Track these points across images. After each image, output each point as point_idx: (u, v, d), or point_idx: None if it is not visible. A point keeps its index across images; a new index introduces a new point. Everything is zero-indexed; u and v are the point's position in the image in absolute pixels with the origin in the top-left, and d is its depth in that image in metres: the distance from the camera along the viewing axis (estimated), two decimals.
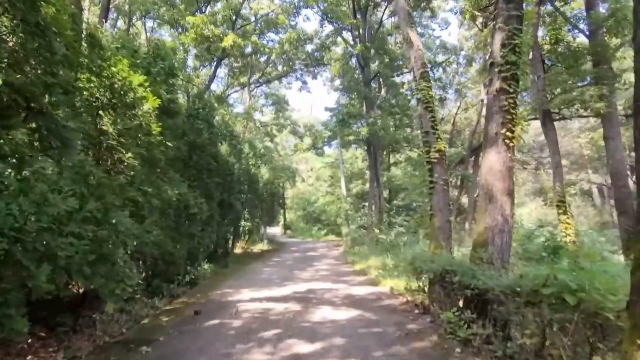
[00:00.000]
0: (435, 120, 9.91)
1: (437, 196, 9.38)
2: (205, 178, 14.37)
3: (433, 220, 9.34)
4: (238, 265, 17.55)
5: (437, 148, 9.55)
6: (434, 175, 9.49)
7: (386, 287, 10.91)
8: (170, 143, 12.29)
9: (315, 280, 12.46)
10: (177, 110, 12.40)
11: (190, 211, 11.65)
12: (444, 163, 9.66)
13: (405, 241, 17.65)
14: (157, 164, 8.65)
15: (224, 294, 10.60)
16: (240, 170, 21.03)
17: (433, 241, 9.26)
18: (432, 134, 9.73)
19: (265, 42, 30.90)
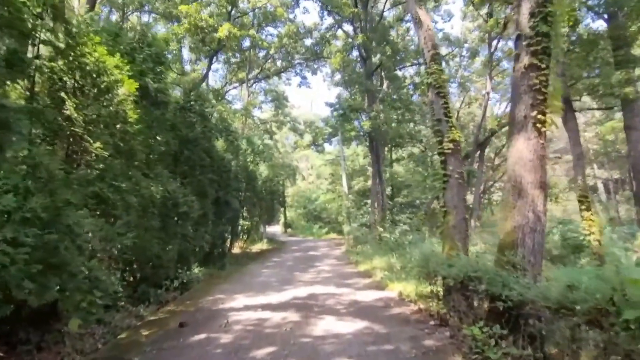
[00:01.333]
0: (448, 107, 8.82)
1: (452, 191, 8.30)
2: (198, 174, 13.31)
3: (447, 218, 8.26)
4: (235, 266, 16.50)
5: (450, 138, 8.46)
6: (447, 167, 8.40)
7: (394, 292, 9.83)
8: (159, 136, 11.32)
9: (317, 284, 11.39)
10: (165, 101, 11.32)
11: (180, 210, 10.56)
12: (459, 154, 8.58)
13: (411, 240, 16.57)
14: (135, 156, 7.55)
15: (216, 300, 9.53)
16: (237, 167, 19.97)
17: (447, 241, 8.18)
18: (445, 122, 8.64)
19: (264, 36, 29.96)
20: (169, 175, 10.39)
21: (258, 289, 10.79)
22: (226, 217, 18.23)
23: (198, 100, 14.77)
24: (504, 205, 6.43)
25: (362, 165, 34.21)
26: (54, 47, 6.26)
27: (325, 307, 8.49)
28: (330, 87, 37.71)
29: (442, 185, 8.49)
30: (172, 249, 11.08)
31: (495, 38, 24.79)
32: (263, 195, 23.75)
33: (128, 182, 6.95)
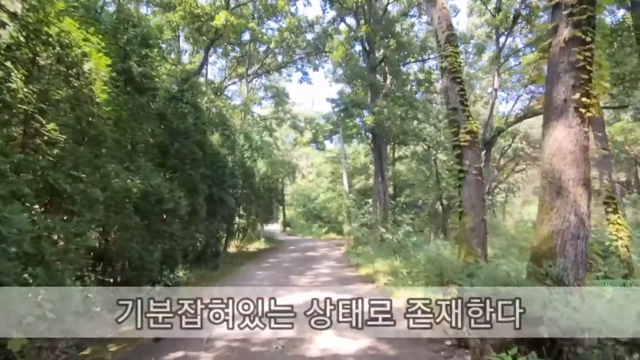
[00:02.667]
0: (465, 95, 7.77)
1: (469, 188, 7.24)
2: (189, 169, 12.23)
3: (464, 219, 7.20)
4: (229, 267, 15.43)
5: (468, 128, 7.40)
6: (464, 162, 7.34)
7: (400, 301, 8.76)
8: (143, 125, 10.27)
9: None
10: (151, 87, 10.27)
11: (165, 206, 9.48)
12: (477, 147, 7.52)
13: (415, 241, 15.52)
14: (102, 143, 6.46)
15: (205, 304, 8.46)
16: (234, 162, 18.91)
17: (464, 246, 7.12)
18: (461, 112, 7.58)
19: (264, 30, 28.90)
20: (152, 167, 9.31)
21: (249, 294, 9.72)
22: (221, 215, 17.20)
23: (191, 90, 13.71)
24: (540, 206, 5.35)
25: (363, 163, 33.10)
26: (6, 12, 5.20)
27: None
28: (332, 83, 36.49)
29: (457, 182, 7.44)
30: (156, 249, 10.04)
31: (504, 33, 23.74)
32: (261, 192, 22.67)
33: (93, 173, 5.89)
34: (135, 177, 8.54)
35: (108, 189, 6.41)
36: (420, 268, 11.07)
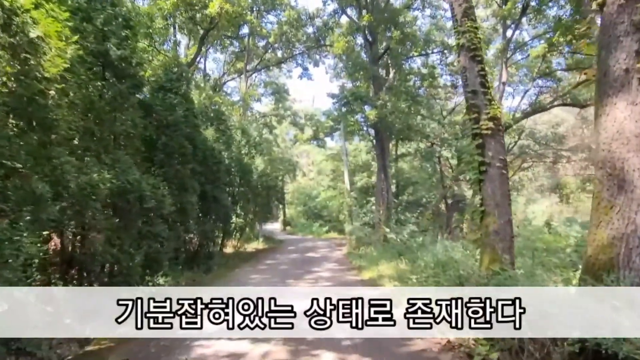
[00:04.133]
0: (485, 75, 6.66)
1: (492, 184, 6.13)
2: (176, 164, 11.15)
3: (486, 220, 6.09)
4: (223, 269, 14.37)
5: (490, 114, 6.29)
6: (486, 153, 6.23)
7: None
8: (123, 115, 9.19)
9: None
10: (132, 74, 9.18)
11: (146, 205, 8.37)
12: (501, 136, 6.42)
13: (421, 242, 14.42)
14: (52, 129, 5.34)
15: None
16: (230, 159, 17.82)
17: (487, 252, 6.01)
18: (481, 95, 6.47)
19: (264, 24, 27.81)
20: (133, 162, 8.22)
21: None
22: (215, 214, 16.12)
23: (181, 79, 12.62)
24: (594, 204, 4.25)
25: (365, 160, 31.98)
26: None
27: (322, 335, 6.33)
28: (333, 79, 35.31)
29: (478, 176, 6.32)
30: (138, 252, 8.96)
31: (511, 25, 22.62)
32: (259, 190, 21.58)
33: (43, 165, 4.80)
34: (109, 171, 7.46)
35: (63, 183, 5.31)
36: (429, 272, 9.99)
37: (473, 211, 6.57)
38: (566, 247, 10.50)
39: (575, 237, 11.50)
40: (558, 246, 10.87)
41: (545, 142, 29.98)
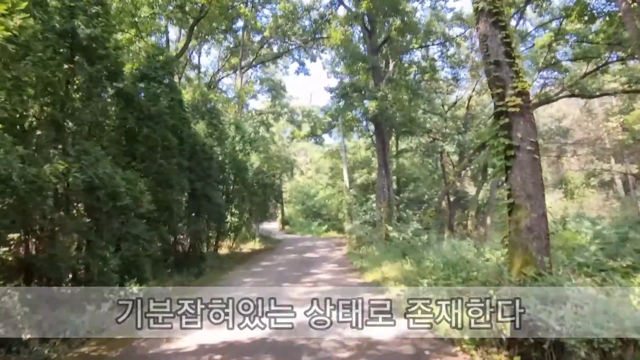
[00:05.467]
0: (510, 43, 5.59)
1: (522, 172, 5.07)
2: (159, 158, 10.08)
3: (516, 214, 5.03)
4: (216, 272, 13.31)
5: (518, 88, 5.23)
6: (513, 135, 5.17)
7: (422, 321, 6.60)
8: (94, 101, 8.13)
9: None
10: (104, 55, 8.11)
11: (119, 202, 7.29)
12: (531, 114, 5.35)
13: (425, 240, 13.37)
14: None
15: (161, 333, 6.33)
16: (223, 155, 16.76)
17: (518, 252, 4.95)
18: (506, 66, 5.41)
19: (259, 19, 26.75)
20: (101, 153, 7.14)
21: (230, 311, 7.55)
22: (207, 213, 15.08)
23: (166, 67, 11.57)
24: None
25: (365, 157, 30.90)
26: None
27: (320, 354, 5.32)
28: (331, 75, 34.29)
29: (504, 163, 5.26)
30: (114, 256, 7.91)
31: (514, 15, 21.56)
32: (254, 188, 20.48)
33: None
34: (74, 164, 6.40)
35: (3, 177, 4.25)
36: (439, 274, 8.95)
37: (501, 205, 5.49)
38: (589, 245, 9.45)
39: (587, 233, 10.49)
40: (576, 243, 9.81)
41: (549, 135, 28.96)
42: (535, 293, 4.00)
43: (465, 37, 25.83)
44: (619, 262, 7.69)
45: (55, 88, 6.94)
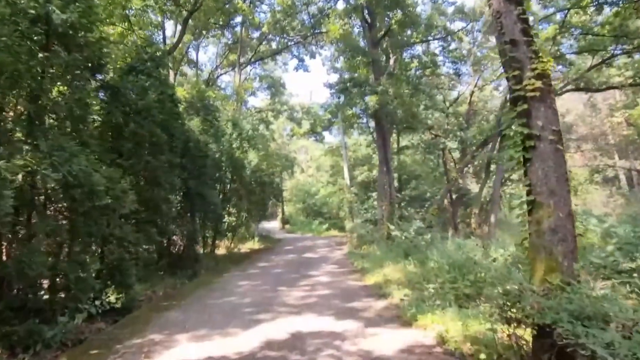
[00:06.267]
0: (527, 20, 4.93)
1: (544, 164, 4.41)
2: (147, 155, 9.43)
3: (537, 213, 4.37)
4: (211, 274, 12.70)
5: (537, 70, 4.56)
6: (533, 123, 4.51)
7: (429, 332, 5.96)
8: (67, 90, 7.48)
9: (307, 311, 7.51)
10: (82, 43, 7.47)
11: (99, 202, 6.63)
12: (553, 100, 4.67)
13: (429, 240, 12.72)
14: None
15: (143, 347, 5.70)
16: (220, 152, 16.11)
17: (541, 256, 4.29)
18: (523, 45, 4.74)
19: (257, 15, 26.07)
20: (77, 149, 6.47)
21: (218, 321, 6.92)
22: (203, 213, 14.47)
23: (155, 59, 10.91)
24: None
25: (365, 154, 30.22)
26: None
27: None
28: (330, 72, 33.56)
29: (522, 154, 4.59)
30: (93, 260, 7.28)
31: None
32: (253, 187, 19.82)
33: None
34: (44, 160, 5.75)
35: None
36: (444, 277, 8.29)
37: (520, 202, 4.82)
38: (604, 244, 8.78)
39: (595, 231, 9.82)
40: (588, 242, 9.15)
41: None
42: (568, 307, 3.33)
43: (467, 31, 25.14)
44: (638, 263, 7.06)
45: (25, 78, 6.28)
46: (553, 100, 4.60)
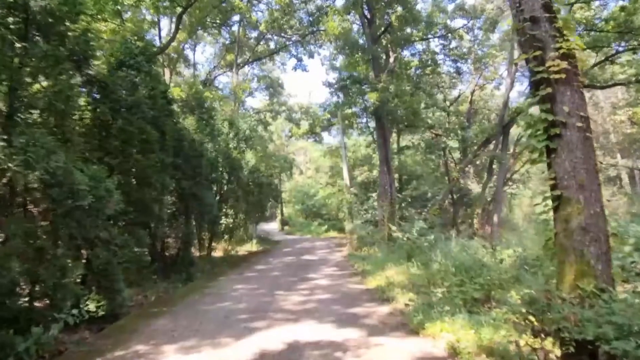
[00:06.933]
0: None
1: (572, 154, 3.89)
2: (136, 152, 8.90)
3: (564, 210, 3.84)
4: (206, 278, 12.17)
5: (562, 49, 4.04)
6: (558, 108, 3.99)
7: (438, 341, 5.42)
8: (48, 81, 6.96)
9: (305, 317, 6.95)
10: (62, 32, 6.96)
11: (80, 202, 6.09)
12: (580, 84, 4.14)
13: (433, 241, 12.16)
14: None
15: (125, 357, 5.16)
16: (216, 152, 15.57)
17: (569, 260, 3.75)
18: (545, 22, 4.23)
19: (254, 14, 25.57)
20: (55, 145, 5.94)
21: (209, 330, 6.37)
22: (199, 214, 13.94)
23: (145, 53, 10.39)
24: None
25: (365, 154, 29.68)
26: None
27: None
28: (329, 71, 33.12)
29: (546, 144, 4.06)
30: (75, 265, 6.75)
31: None
32: (250, 188, 19.28)
33: None
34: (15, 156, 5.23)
35: None
36: (451, 280, 7.75)
37: (544, 198, 4.29)
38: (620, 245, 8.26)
39: None
40: None
41: None
42: (613, 320, 2.80)
43: (467, 28, 24.63)
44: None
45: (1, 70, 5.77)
46: (580, 83, 4.07)
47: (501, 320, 5.25)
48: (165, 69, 20.70)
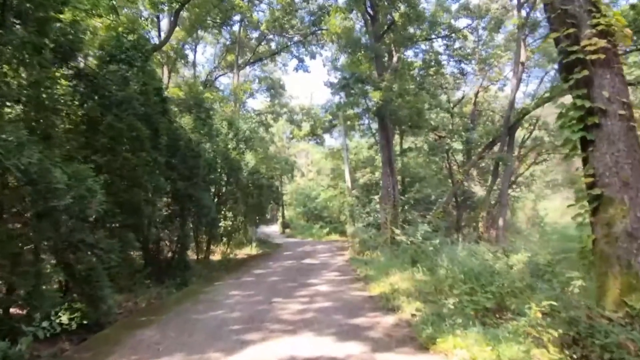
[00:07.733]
0: None
1: (613, 147, 3.30)
2: (125, 150, 8.34)
3: (606, 211, 3.24)
4: (201, 283, 11.58)
5: (599, 27, 3.45)
6: (596, 94, 3.40)
7: (451, 358, 4.83)
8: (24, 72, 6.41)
9: (304, 328, 6.36)
10: (42, 19, 6.41)
11: (56, 202, 5.52)
12: (621, 66, 3.56)
13: (438, 245, 11.53)
14: None
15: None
16: (214, 152, 15.02)
17: (613, 270, 3.14)
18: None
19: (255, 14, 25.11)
20: (27, 139, 5.37)
21: (198, 343, 5.78)
22: (196, 216, 13.37)
23: (138, 47, 9.84)
24: None
25: (368, 156, 29.09)
26: None
27: None
28: (331, 72, 32.58)
29: (581, 135, 3.48)
30: (54, 271, 6.18)
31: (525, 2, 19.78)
32: (250, 189, 18.70)
33: None
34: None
35: None
36: (461, 288, 7.14)
37: (581, 197, 3.70)
38: None
39: None
40: None
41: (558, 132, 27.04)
42: None
43: (472, 28, 24.05)
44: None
45: None
46: (620, 65, 3.49)
47: (520, 334, 4.68)
48: (164, 68, 20.19)
